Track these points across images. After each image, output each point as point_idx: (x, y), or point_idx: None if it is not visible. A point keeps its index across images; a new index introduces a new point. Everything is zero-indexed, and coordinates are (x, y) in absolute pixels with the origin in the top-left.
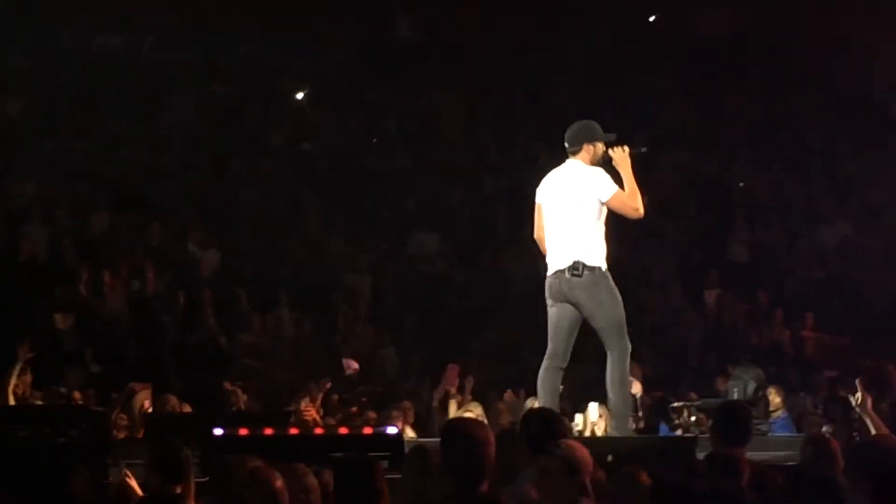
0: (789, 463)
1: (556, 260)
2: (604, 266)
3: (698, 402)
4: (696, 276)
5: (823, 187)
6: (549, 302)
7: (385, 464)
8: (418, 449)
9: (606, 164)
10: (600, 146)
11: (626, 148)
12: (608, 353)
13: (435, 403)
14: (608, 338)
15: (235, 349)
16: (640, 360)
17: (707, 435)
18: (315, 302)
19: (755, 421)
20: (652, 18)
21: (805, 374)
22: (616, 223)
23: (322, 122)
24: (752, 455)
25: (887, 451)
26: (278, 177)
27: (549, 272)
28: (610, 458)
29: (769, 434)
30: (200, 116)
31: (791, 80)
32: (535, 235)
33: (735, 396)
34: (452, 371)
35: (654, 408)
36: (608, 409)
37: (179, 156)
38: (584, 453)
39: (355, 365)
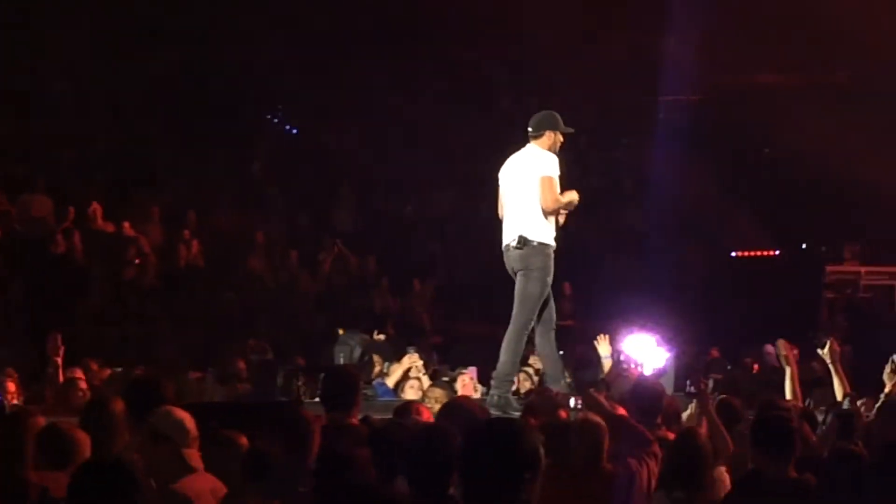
0: None
1: (507, 235)
2: (550, 243)
3: (304, 367)
4: (309, 242)
5: (431, 156)
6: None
7: None
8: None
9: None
10: (560, 136)
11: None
12: (511, 321)
13: (50, 370)
14: (518, 307)
15: None
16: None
17: (316, 400)
18: None
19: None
20: None
21: (412, 339)
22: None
23: None
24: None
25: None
26: None
27: (503, 247)
28: (214, 423)
29: (375, 399)
30: None
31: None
32: (499, 214)
33: (341, 361)
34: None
35: (263, 372)
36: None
37: None
38: (190, 419)
39: None
